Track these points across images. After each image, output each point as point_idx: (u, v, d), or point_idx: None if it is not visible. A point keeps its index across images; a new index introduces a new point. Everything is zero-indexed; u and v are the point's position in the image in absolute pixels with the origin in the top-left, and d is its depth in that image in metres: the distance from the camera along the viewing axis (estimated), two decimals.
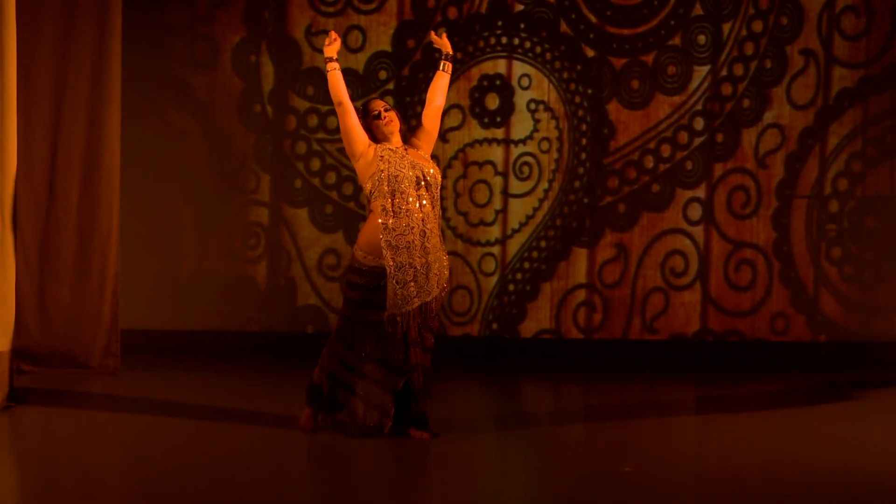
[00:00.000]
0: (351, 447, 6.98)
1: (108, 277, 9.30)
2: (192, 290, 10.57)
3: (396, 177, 7.03)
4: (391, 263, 6.98)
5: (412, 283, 7.01)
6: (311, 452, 6.96)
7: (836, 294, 10.54)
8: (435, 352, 7.21)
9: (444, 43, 7.37)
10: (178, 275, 10.60)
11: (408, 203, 7.02)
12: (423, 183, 7.06)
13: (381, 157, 7.08)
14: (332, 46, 7.21)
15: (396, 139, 7.20)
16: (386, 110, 7.22)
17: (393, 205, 7.03)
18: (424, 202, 7.05)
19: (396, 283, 7.00)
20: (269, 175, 10.55)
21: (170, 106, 10.55)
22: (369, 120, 7.23)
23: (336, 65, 7.22)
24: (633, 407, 8.75)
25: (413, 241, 7.00)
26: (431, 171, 7.11)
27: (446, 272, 7.16)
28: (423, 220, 7.02)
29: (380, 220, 7.02)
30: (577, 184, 10.53)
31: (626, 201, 10.54)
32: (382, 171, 7.06)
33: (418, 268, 7.01)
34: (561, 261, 10.56)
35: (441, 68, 7.34)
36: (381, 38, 10.51)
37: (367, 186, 7.09)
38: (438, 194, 7.15)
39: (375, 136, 7.21)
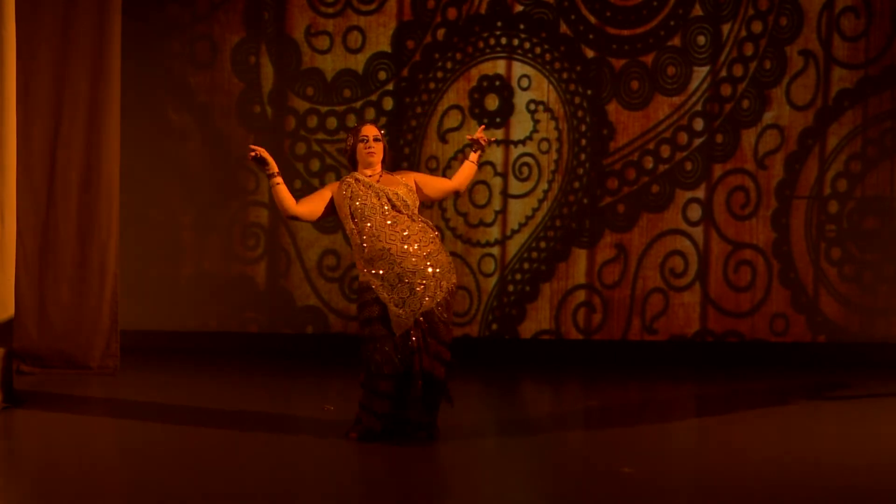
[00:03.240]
0: (352, 451, 6.98)
1: (108, 278, 9.29)
2: (192, 291, 10.57)
3: (360, 207, 7.07)
4: (371, 278, 7.00)
5: (410, 298, 6.99)
6: (313, 456, 6.96)
7: (836, 295, 10.54)
8: (451, 364, 7.15)
9: (481, 138, 7.32)
10: (177, 275, 10.60)
11: (372, 223, 7.04)
12: (387, 207, 7.08)
13: (345, 195, 7.13)
14: (271, 161, 7.16)
15: (375, 169, 7.23)
16: (375, 140, 7.23)
17: (358, 227, 7.07)
18: (389, 221, 7.05)
19: (394, 304, 6.99)
20: None
21: (169, 106, 10.55)
22: (356, 140, 7.25)
23: (280, 178, 7.18)
24: (633, 408, 8.75)
25: (387, 248, 7.00)
26: (398, 193, 7.12)
27: (450, 276, 7.10)
28: (392, 230, 7.02)
29: (354, 242, 7.08)
30: (576, 184, 10.53)
31: (625, 202, 10.54)
32: (347, 203, 7.11)
33: (405, 271, 6.98)
34: (560, 261, 10.56)
35: (472, 159, 7.33)
36: (381, 38, 10.51)
37: (345, 224, 7.17)
38: (415, 211, 7.12)
39: (356, 159, 7.24)
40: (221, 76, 10.54)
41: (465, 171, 7.34)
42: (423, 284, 6.99)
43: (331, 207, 7.23)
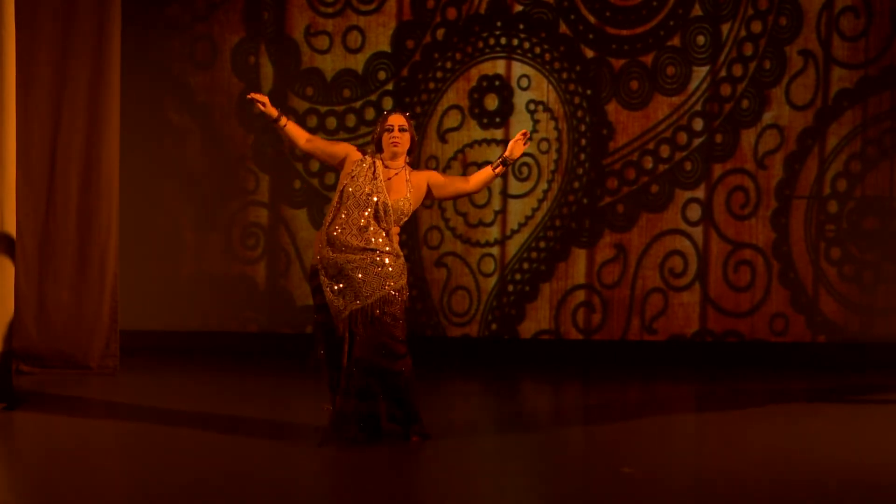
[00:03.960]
0: (351, 451, 6.98)
1: (108, 278, 9.30)
2: (191, 291, 10.57)
3: (354, 194, 7.02)
4: (318, 260, 6.98)
5: (347, 289, 6.98)
6: (312, 455, 6.96)
7: (836, 294, 10.55)
8: (408, 356, 7.10)
9: (517, 149, 7.26)
10: (177, 275, 10.60)
11: (351, 217, 7.01)
12: (371, 209, 7.02)
13: (351, 172, 7.06)
14: (268, 108, 7.18)
15: (399, 161, 7.13)
16: (401, 129, 7.12)
17: (338, 206, 7.03)
18: (364, 221, 7.00)
19: (330, 290, 6.99)
20: (268, 176, 10.55)
21: (169, 106, 10.55)
22: (382, 128, 7.15)
23: (284, 119, 7.23)
24: (633, 407, 8.76)
25: (347, 241, 6.97)
26: (389, 204, 7.04)
27: (398, 279, 7.04)
28: (359, 227, 7.00)
29: (324, 226, 7.04)
30: (576, 184, 10.53)
31: (625, 202, 10.54)
32: (346, 180, 7.07)
33: (348, 263, 6.96)
34: (560, 261, 10.56)
35: (494, 167, 7.23)
36: (381, 38, 10.51)
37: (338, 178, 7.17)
38: (398, 220, 7.07)
39: (379, 146, 7.16)
40: (221, 76, 10.54)
41: (484, 176, 7.25)
42: (362, 280, 6.97)
43: (338, 163, 7.18)
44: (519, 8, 10.47)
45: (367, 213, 7.03)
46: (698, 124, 10.52)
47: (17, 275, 8.42)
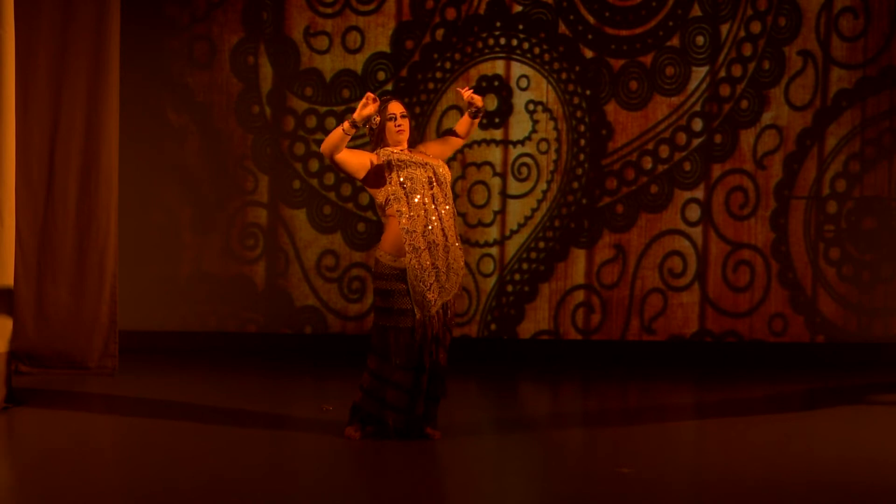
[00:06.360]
0: (350, 450, 6.98)
1: (106, 278, 9.28)
2: (191, 291, 10.57)
3: (411, 179, 7.04)
4: (415, 265, 6.96)
5: (435, 284, 7.00)
6: (309, 454, 6.96)
7: (835, 295, 10.55)
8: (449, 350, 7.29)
9: (475, 100, 7.36)
10: (176, 276, 10.59)
11: (424, 203, 7.01)
12: (434, 182, 7.07)
13: (390, 163, 7.08)
14: (367, 110, 6.97)
15: (403, 146, 7.23)
16: (403, 116, 7.24)
17: (410, 208, 7.01)
18: (440, 200, 7.05)
19: (416, 289, 6.98)
20: (267, 176, 10.55)
21: (168, 106, 10.55)
22: (384, 118, 7.21)
23: (353, 131, 6.96)
24: (632, 408, 8.76)
25: (435, 241, 6.99)
26: (440, 169, 7.15)
27: (463, 269, 7.19)
28: (441, 219, 7.02)
29: (400, 225, 6.99)
30: (575, 185, 10.53)
31: (624, 202, 10.54)
32: (394, 177, 7.06)
33: (441, 268, 7.00)
34: (559, 262, 10.56)
35: (472, 117, 7.40)
36: (380, 38, 10.51)
37: (381, 197, 7.07)
38: (451, 192, 7.17)
39: (384, 137, 7.20)
40: (220, 76, 10.54)
41: (466, 126, 7.42)
42: (451, 276, 7.06)
43: (357, 162, 7.07)
44: (518, 8, 10.48)
45: (429, 190, 7.06)
46: (697, 124, 10.52)
47: (17, 275, 8.42)
